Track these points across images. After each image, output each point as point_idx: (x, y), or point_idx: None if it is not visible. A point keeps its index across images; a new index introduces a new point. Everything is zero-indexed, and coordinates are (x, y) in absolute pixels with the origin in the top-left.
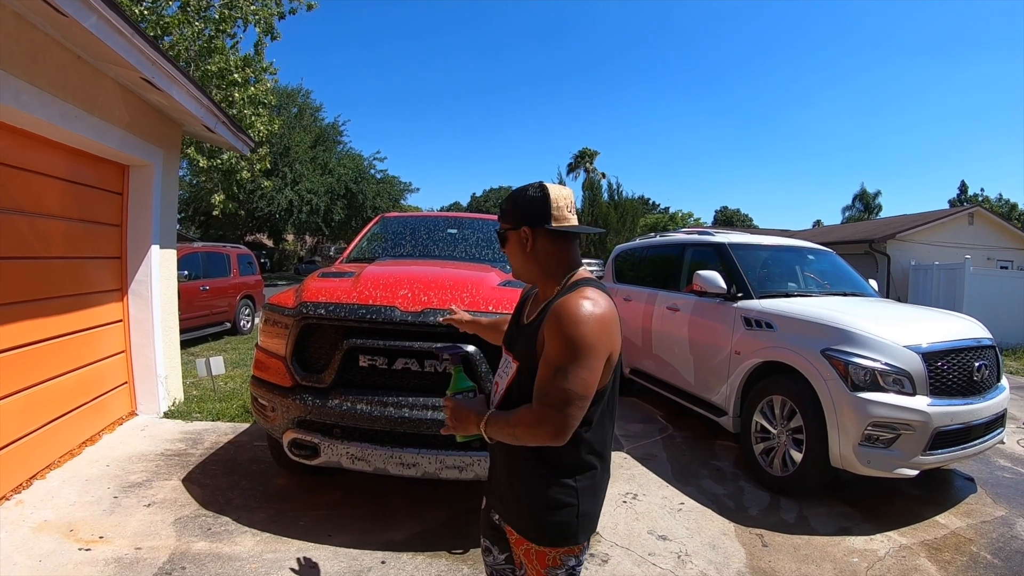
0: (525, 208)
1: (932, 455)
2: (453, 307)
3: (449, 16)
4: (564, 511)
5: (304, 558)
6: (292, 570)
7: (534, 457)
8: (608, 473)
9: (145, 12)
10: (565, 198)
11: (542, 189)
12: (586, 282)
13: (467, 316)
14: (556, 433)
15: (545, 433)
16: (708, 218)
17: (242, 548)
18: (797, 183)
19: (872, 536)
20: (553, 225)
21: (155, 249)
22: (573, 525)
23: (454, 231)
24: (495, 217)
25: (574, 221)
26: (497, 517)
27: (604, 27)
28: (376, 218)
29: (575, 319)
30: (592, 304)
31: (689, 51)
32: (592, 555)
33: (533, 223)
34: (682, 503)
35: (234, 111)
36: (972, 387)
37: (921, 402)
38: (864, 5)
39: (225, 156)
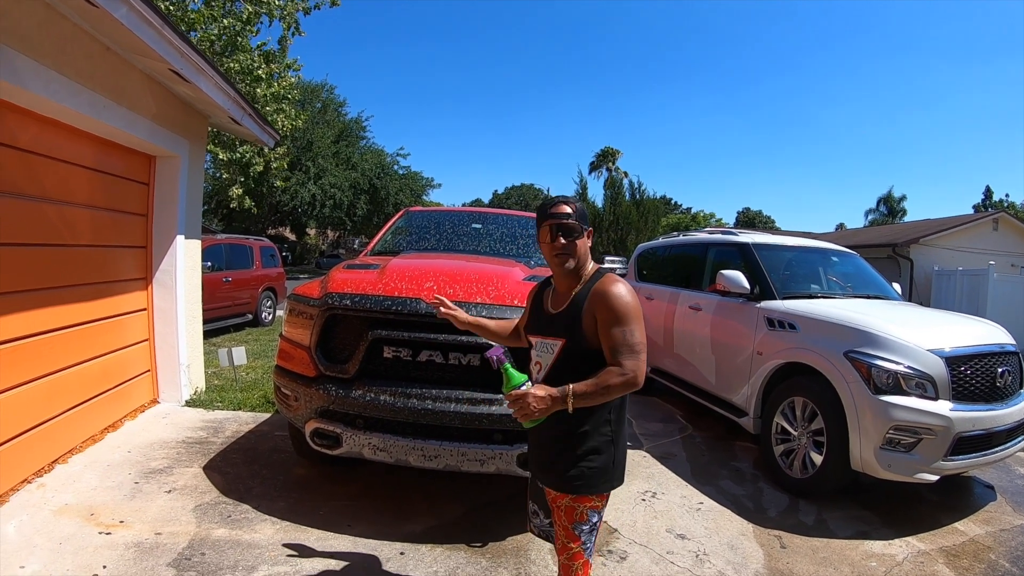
0: (585, 216)
1: (953, 461)
2: (443, 299)
3: (474, 15)
4: (602, 457)
5: (324, 547)
6: (311, 559)
7: (573, 420)
8: (625, 428)
9: (171, 7)
10: None
11: (580, 201)
12: (607, 271)
13: (465, 315)
14: (640, 376)
15: (635, 378)
16: (730, 219)
17: (261, 536)
18: (819, 186)
19: (891, 541)
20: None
21: (180, 239)
22: (609, 471)
23: (479, 226)
24: (519, 213)
25: None
26: (540, 483)
27: (629, 28)
28: (400, 212)
29: (623, 294)
30: (625, 284)
31: (713, 51)
32: (610, 552)
33: (588, 225)
34: (701, 503)
35: (256, 106)
36: (995, 393)
37: (943, 407)
38: (890, 7)
39: (242, 150)
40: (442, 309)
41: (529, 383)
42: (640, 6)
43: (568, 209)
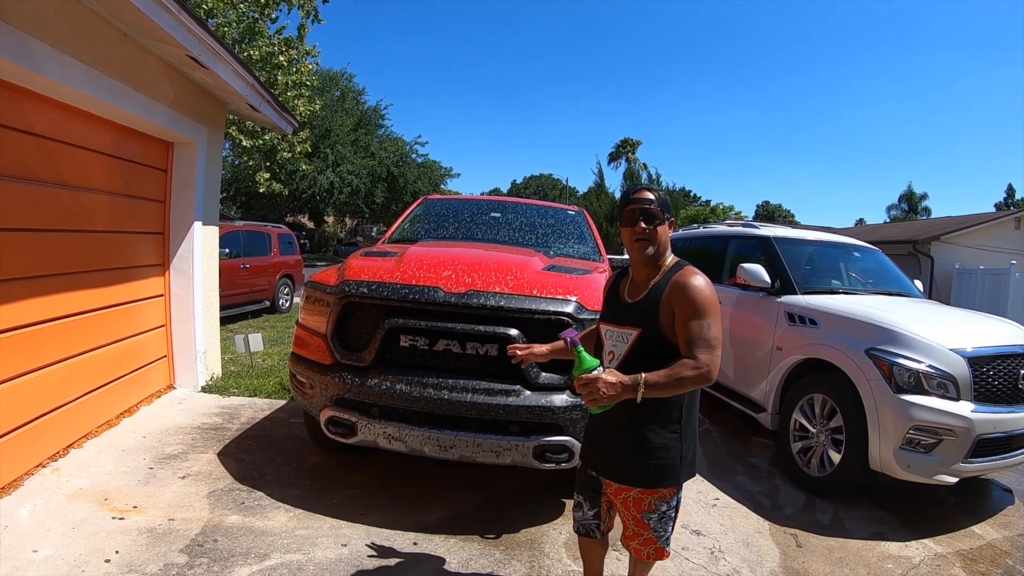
0: (667, 204)
1: (973, 463)
2: (532, 347)
3: (497, 7)
4: (670, 452)
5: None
6: (324, 548)
7: (641, 413)
8: (696, 424)
9: None
10: None
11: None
12: (687, 262)
13: (543, 348)
14: (714, 370)
15: (708, 372)
16: (749, 212)
17: (275, 523)
18: (840, 181)
19: (907, 543)
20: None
21: (197, 226)
22: (676, 466)
23: (497, 215)
24: (539, 202)
25: None
26: (594, 473)
27: (651, 21)
28: (419, 200)
29: (702, 287)
30: (704, 277)
31: (737, 46)
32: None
33: (671, 215)
34: (717, 498)
35: (275, 92)
36: (1017, 395)
37: (965, 408)
38: (916, 4)
39: (267, 136)
40: (519, 352)
41: (601, 368)
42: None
43: (651, 196)
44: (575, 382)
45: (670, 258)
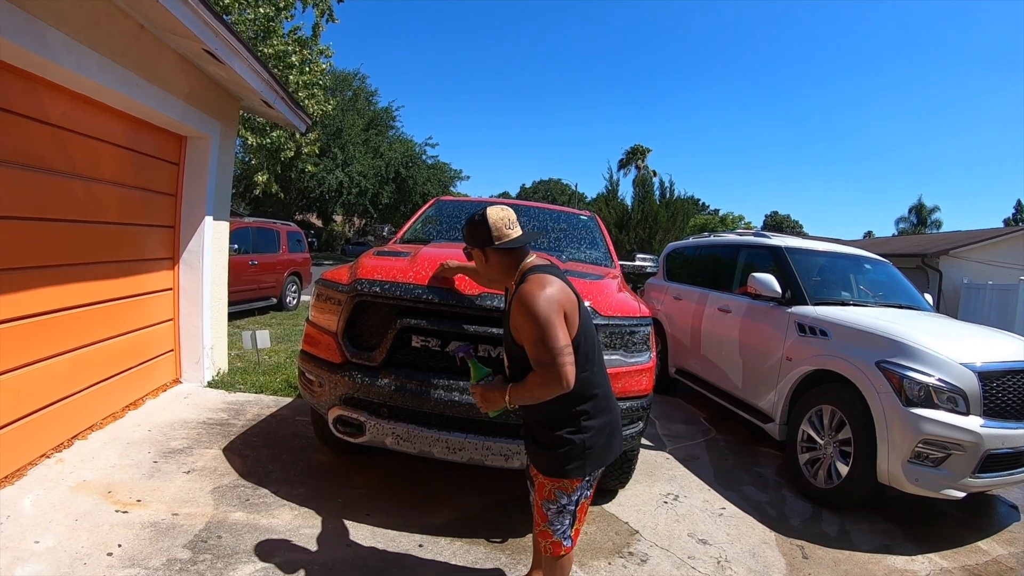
0: (475, 234)
1: (980, 478)
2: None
3: (511, 13)
4: (567, 446)
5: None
6: (329, 548)
7: (542, 410)
8: (605, 417)
9: None
10: (503, 219)
11: (483, 216)
12: (531, 271)
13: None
14: (566, 379)
15: (558, 384)
16: (758, 222)
17: (280, 521)
18: (848, 193)
19: (913, 556)
20: (496, 244)
21: (208, 220)
22: (578, 459)
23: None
24: (551, 207)
25: (516, 234)
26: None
27: (666, 30)
28: (431, 201)
29: (531, 303)
30: (537, 286)
31: (749, 55)
32: (631, 553)
33: (483, 244)
34: (723, 508)
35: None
36: None
37: (974, 422)
38: (931, 16)
39: (274, 135)
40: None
41: (489, 378)
42: (677, 11)
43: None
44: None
45: (524, 264)
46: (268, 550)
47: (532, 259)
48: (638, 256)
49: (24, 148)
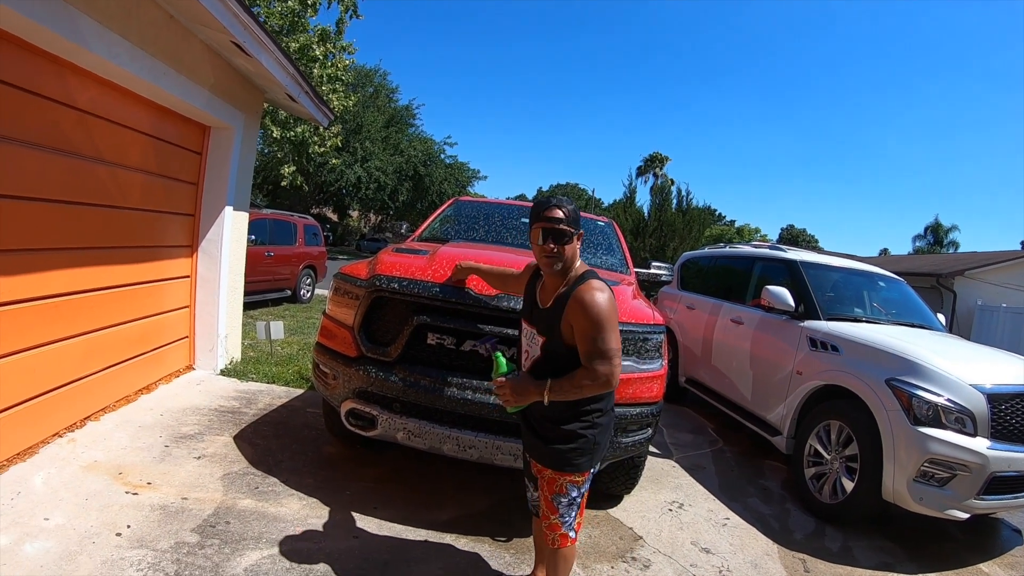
0: (576, 218)
1: (985, 500)
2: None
3: (534, 16)
4: (581, 440)
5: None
6: (335, 539)
7: (559, 407)
8: (610, 415)
9: None
10: None
11: (574, 203)
12: (590, 274)
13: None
14: (613, 379)
15: (607, 381)
16: (774, 234)
17: (287, 510)
18: (865, 209)
19: None
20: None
21: (228, 210)
22: (589, 453)
23: (527, 220)
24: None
25: None
26: (528, 456)
27: (690, 40)
28: (450, 200)
29: (597, 303)
30: (600, 290)
31: (772, 69)
32: (634, 558)
33: (579, 228)
34: (727, 518)
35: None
36: None
37: (981, 444)
38: (955, 35)
39: (299, 129)
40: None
41: (516, 373)
42: (700, 24)
43: (560, 214)
44: (494, 384)
45: (577, 268)
46: (275, 538)
47: (582, 264)
48: (653, 264)
49: (52, 132)
